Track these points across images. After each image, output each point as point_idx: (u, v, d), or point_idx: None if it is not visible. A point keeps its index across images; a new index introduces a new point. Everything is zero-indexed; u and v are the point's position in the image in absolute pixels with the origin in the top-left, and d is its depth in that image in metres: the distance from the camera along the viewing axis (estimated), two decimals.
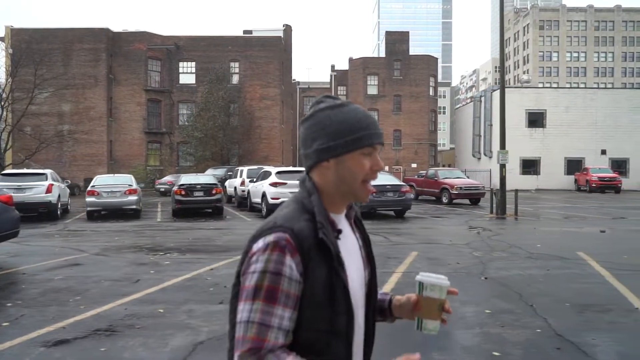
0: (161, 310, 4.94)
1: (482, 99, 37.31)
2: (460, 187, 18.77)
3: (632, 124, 33.95)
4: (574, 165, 33.53)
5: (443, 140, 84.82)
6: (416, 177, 23.28)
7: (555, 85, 78.03)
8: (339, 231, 1.08)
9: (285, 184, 14.32)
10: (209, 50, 35.98)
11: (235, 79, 36.05)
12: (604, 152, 34.05)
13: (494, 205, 15.14)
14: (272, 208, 14.39)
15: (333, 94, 35.55)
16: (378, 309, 1.23)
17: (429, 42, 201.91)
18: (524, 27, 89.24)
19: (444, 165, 50.76)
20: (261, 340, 0.95)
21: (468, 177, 21.79)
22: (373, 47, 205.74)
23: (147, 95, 35.39)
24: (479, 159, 38.10)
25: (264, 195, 14.74)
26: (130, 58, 35.09)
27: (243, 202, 18.17)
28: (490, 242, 9.48)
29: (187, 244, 9.46)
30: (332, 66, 47.43)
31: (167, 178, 29.30)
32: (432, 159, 42.32)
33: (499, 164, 15.47)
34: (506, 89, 38.60)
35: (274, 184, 14.40)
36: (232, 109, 34.48)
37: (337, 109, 1.10)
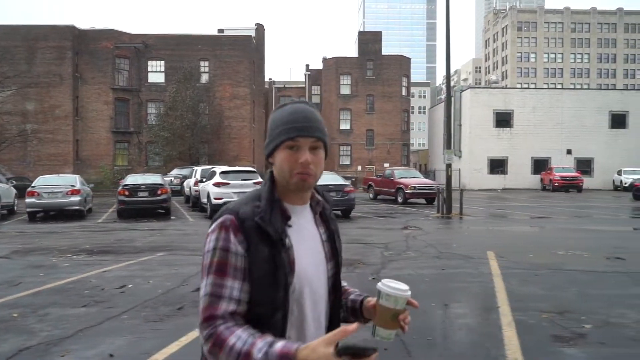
0: (15, 315, 4.82)
1: (452, 99, 37.56)
2: (415, 187, 18.86)
3: (597, 125, 34.54)
4: (540, 165, 33.98)
5: (423, 140, 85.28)
6: (375, 176, 23.35)
7: (533, 85, 79.10)
8: (288, 218, 1.15)
9: (228, 184, 14.22)
10: (178, 49, 35.62)
11: (205, 78, 35.77)
12: (569, 151, 34.57)
13: (441, 205, 15.23)
14: (215, 208, 14.27)
15: (307, 93, 35.52)
16: (351, 310, 1.29)
17: (413, 43, 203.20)
18: (503, 28, 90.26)
19: (421, 165, 51.08)
20: (214, 308, 1.05)
21: (428, 177, 21.92)
22: (358, 47, 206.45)
23: (114, 94, 34.90)
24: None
25: (208, 195, 14.62)
26: (97, 56, 34.57)
27: (197, 202, 18.01)
28: (412, 242, 9.51)
29: (104, 245, 9.31)
30: (307, 65, 47.34)
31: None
32: (404, 159, 42.53)
33: (444, 163, 15.57)
34: (475, 90, 39.04)
35: (217, 184, 14.28)
36: (201, 108, 34.20)
37: (278, 110, 1.20)
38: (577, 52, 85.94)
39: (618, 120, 34.69)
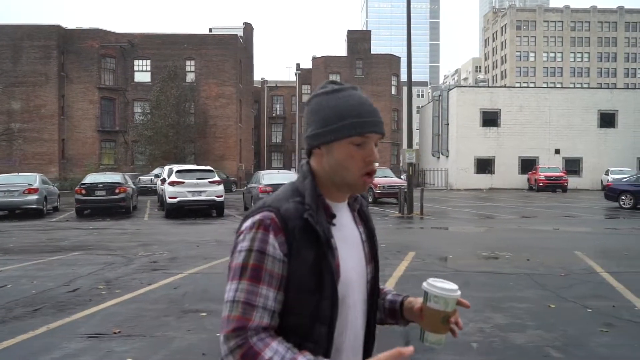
0: None
1: (440, 98, 37.30)
2: (384, 186, 18.65)
3: (585, 124, 34.09)
4: (528, 165, 33.56)
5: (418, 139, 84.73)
6: None
7: (532, 85, 78.45)
8: (333, 216, 1.03)
9: (183, 182, 14.11)
10: (164, 48, 35.60)
11: (190, 77, 35.72)
12: (557, 151, 34.14)
13: (403, 205, 15.02)
14: (170, 207, 14.20)
15: (297, 92, 35.28)
16: (389, 311, 1.18)
17: (416, 42, 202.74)
18: (502, 27, 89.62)
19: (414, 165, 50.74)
20: (246, 319, 0.92)
21: (399, 176, 21.67)
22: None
23: (100, 94, 34.95)
24: (438, 158, 38.10)
25: (165, 194, 14.52)
26: (83, 56, 34.64)
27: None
28: None
29: (29, 245, 9.22)
30: (297, 65, 47.28)
31: None
32: (394, 159, 42.29)
33: (406, 162, 15.35)
34: (461, 89, 38.69)
35: (172, 183, 14.17)
36: (186, 107, 34.17)
37: (332, 95, 1.05)
38: (577, 51, 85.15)
39: (607, 120, 34.22)
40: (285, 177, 14.68)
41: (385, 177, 20.02)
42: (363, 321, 1.10)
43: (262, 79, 51.92)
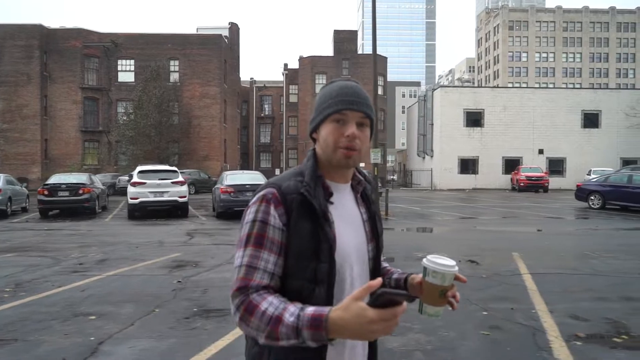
0: None
1: (425, 98, 37.27)
2: None
3: (569, 124, 34.11)
4: (512, 165, 33.56)
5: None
6: None
7: (524, 85, 78.55)
8: (330, 194, 1.14)
9: (144, 183, 14.01)
10: (148, 48, 35.49)
11: (174, 77, 35.61)
12: (541, 151, 34.15)
13: None
14: (131, 209, 14.10)
15: (285, 92, 35.17)
16: (395, 288, 1.27)
17: (412, 42, 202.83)
18: (495, 28, 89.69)
19: (400, 165, 50.72)
20: (247, 279, 1.04)
21: (387, 176, 21.56)
22: (359, 47, 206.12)
23: (83, 94, 34.82)
24: (424, 158, 38.08)
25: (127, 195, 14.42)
26: (66, 55, 34.50)
27: None
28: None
29: None
30: (285, 65, 47.13)
31: None
32: (380, 158, 42.19)
33: (371, 162, 15.28)
34: (445, 89, 38.65)
35: (134, 184, 14.07)
36: (170, 107, 34.06)
37: (327, 86, 1.19)
38: (570, 52, 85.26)
39: (591, 120, 34.25)
40: (250, 177, 14.60)
41: None
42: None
43: (251, 79, 51.80)
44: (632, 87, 71.81)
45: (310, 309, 0.96)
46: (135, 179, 14.15)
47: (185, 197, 14.42)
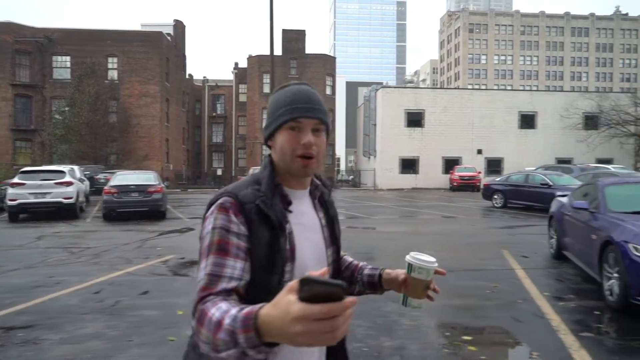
0: None
1: (369, 98, 37.43)
2: None
3: (506, 125, 34.82)
4: (451, 165, 33.94)
5: None
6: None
7: (483, 87, 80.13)
8: (289, 203, 1.11)
9: (24, 184, 13.41)
10: (85, 44, 34.39)
11: (112, 75, 34.65)
12: (480, 151, 34.75)
13: None
14: (10, 211, 13.48)
15: (235, 92, 34.59)
16: (368, 284, 1.30)
17: (383, 44, 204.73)
18: (456, 30, 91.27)
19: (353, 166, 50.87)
20: (210, 289, 0.96)
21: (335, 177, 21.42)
22: (329, 47, 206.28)
23: (14, 91, 33.48)
24: (369, 158, 38.24)
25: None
26: None
27: None
28: (147, 249, 8.93)
29: None
30: (236, 64, 46.63)
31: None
32: (330, 159, 42.21)
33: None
34: (386, 89, 38.85)
35: (13, 185, 13.46)
36: (106, 105, 33.10)
37: (280, 91, 1.15)
38: (527, 55, 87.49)
39: (527, 121, 35.06)
40: (138, 177, 14.17)
41: None
42: None
43: (204, 77, 51.05)
44: (585, 90, 74.24)
45: (247, 308, 0.83)
46: (15, 179, 13.55)
47: (71, 198, 13.85)
